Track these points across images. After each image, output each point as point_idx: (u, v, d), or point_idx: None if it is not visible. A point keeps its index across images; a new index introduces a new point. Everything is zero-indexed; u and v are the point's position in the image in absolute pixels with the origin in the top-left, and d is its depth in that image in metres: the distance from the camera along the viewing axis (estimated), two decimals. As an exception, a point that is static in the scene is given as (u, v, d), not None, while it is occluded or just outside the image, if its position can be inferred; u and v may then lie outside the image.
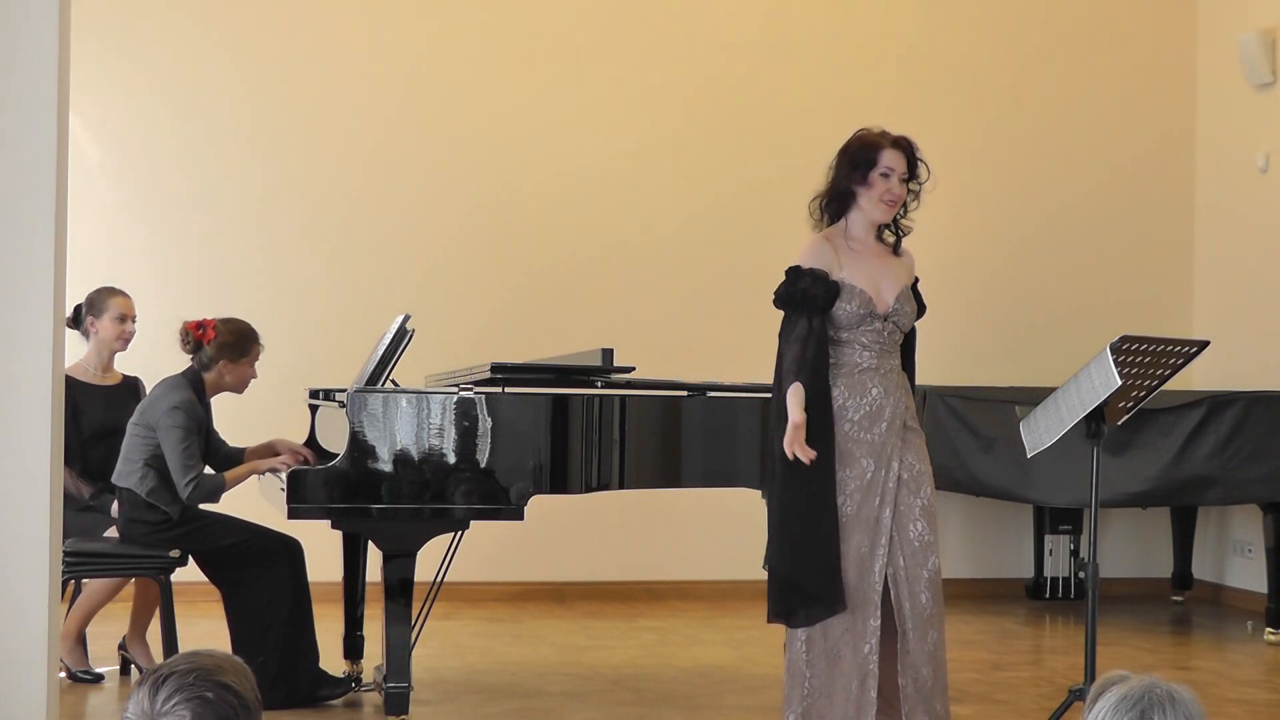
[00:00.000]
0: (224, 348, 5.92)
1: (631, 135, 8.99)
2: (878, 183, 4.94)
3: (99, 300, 6.53)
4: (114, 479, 5.96)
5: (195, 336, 5.91)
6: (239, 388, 6.04)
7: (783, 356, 4.91)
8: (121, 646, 6.38)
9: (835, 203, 5.01)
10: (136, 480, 5.84)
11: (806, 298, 4.88)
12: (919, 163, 5.00)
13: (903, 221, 5.06)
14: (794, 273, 4.93)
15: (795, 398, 4.81)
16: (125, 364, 6.78)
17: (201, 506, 5.98)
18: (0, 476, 4.29)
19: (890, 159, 4.95)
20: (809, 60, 9.15)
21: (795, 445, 4.78)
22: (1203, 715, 2.18)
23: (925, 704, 4.82)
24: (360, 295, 8.61)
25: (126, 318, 6.56)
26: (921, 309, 5.10)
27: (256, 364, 6.04)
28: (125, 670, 6.39)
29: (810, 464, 4.80)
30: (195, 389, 5.91)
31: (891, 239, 5.05)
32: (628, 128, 8.98)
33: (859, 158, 4.97)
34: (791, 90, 9.12)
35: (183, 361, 6.03)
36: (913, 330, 5.11)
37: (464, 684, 6.40)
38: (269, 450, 6.18)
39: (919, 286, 5.12)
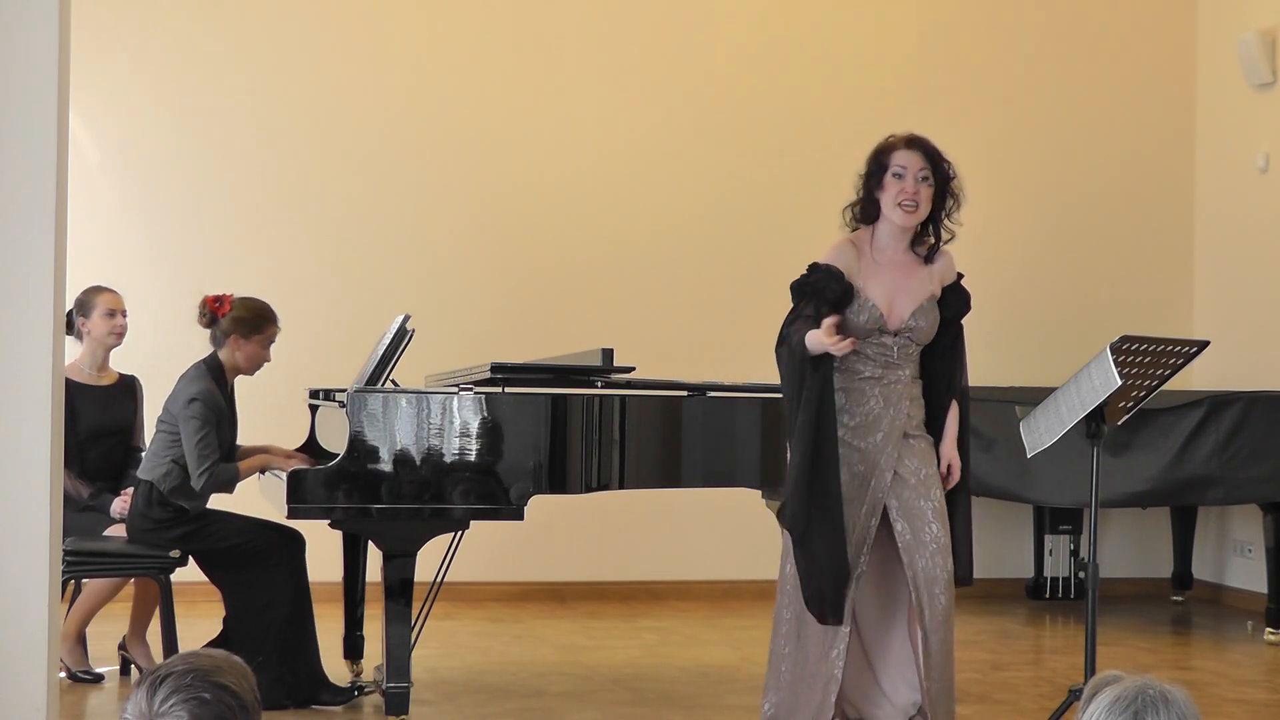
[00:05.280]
0: (237, 321, 5.93)
1: (631, 135, 8.99)
2: (890, 185, 4.93)
3: (86, 300, 6.53)
4: (139, 473, 5.97)
5: (211, 309, 5.93)
6: (250, 368, 6.02)
7: (785, 340, 4.89)
8: (122, 646, 6.38)
9: (864, 213, 5.02)
10: (160, 475, 5.83)
11: (816, 289, 4.88)
12: (943, 161, 4.98)
13: (945, 224, 5.03)
14: (812, 266, 4.95)
15: (806, 335, 4.76)
16: (124, 364, 6.79)
17: (207, 504, 5.98)
18: (0, 476, 4.29)
19: (902, 159, 4.94)
20: (808, 62, 9.16)
21: (828, 340, 4.69)
22: (1197, 715, 2.18)
23: (945, 705, 4.91)
24: (360, 295, 8.61)
25: (115, 312, 6.55)
26: (966, 305, 5.07)
27: (271, 348, 6.04)
28: (125, 670, 6.39)
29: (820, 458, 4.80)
30: (215, 376, 5.91)
31: (925, 249, 5.03)
32: (627, 128, 8.98)
33: (872, 165, 4.99)
34: (790, 92, 9.12)
35: (191, 350, 6.04)
36: (958, 333, 5.10)
37: (464, 684, 6.40)
38: (263, 453, 6.19)
39: (963, 281, 5.10)
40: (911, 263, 5.01)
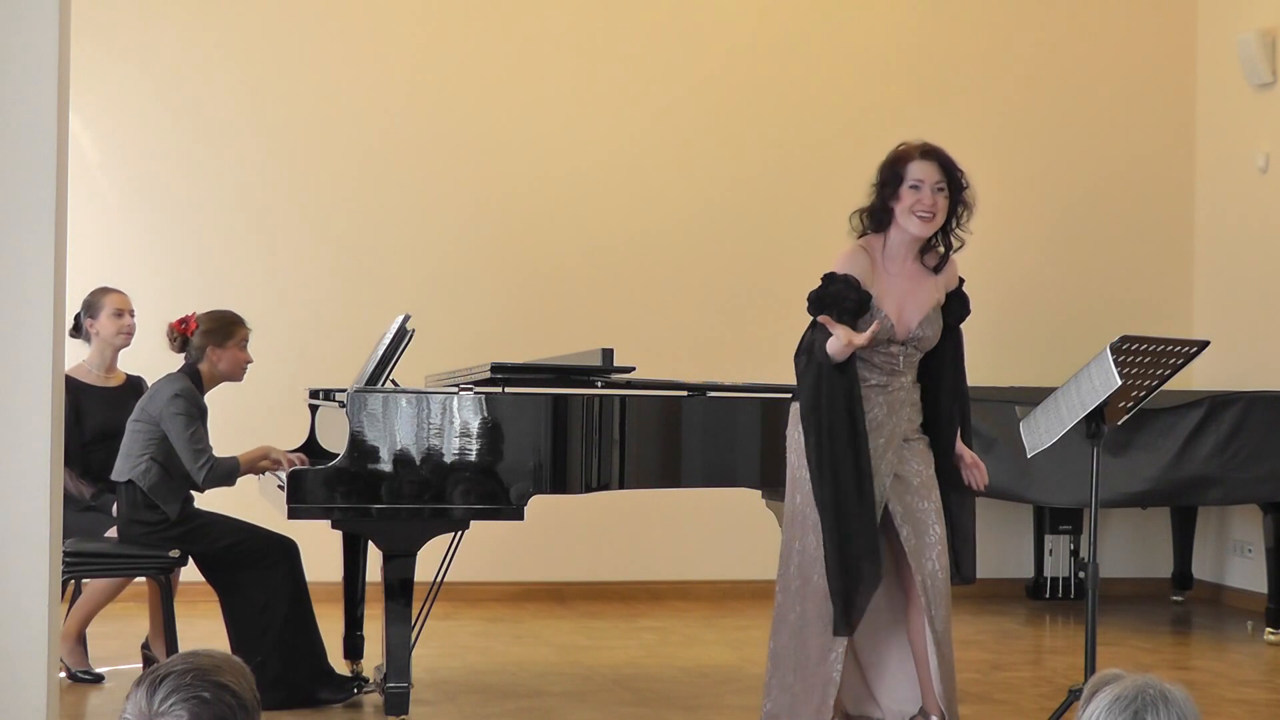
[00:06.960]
0: (207, 334, 5.94)
1: (631, 135, 8.99)
2: (906, 196, 4.93)
3: (94, 301, 6.55)
4: (114, 476, 5.95)
5: (179, 332, 5.95)
6: (235, 373, 6.03)
7: (808, 349, 4.90)
8: (145, 646, 6.37)
9: (874, 221, 5.01)
10: (140, 473, 5.82)
11: (837, 299, 4.87)
12: (957, 171, 4.98)
13: (955, 232, 5.04)
14: (828, 277, 4.93)
15: (827, 344, 4.80)
16: (126, 363, 6.78)
17: (199, 505, 5.98)
18: (0, 476, 4.29)
19: (919, 170, 4.93)
20: (807, 62, 9.16)
21: (847, 339, 4.73)
22: (1196, 715, 2.18)
23: (949, 704, 4.96)
24: (360, 295, 8.61)
25: (123, 312, 6.57)
26: (966, 310, 5.11)
27: (248, 347, 6.04)
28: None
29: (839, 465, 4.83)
30: (194, 382, 5.92)
31: (934, 261, 5.04)
32: (627, 127, 8.99)
33: (888, 174, 4.97)
34: (790, 91, 9.12)
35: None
36: (959, 338, 5.13)
37: (464, 684, 6.41)
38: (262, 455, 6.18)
39: (963, 288, 5.12)
40: (919, 272, 5.01)
